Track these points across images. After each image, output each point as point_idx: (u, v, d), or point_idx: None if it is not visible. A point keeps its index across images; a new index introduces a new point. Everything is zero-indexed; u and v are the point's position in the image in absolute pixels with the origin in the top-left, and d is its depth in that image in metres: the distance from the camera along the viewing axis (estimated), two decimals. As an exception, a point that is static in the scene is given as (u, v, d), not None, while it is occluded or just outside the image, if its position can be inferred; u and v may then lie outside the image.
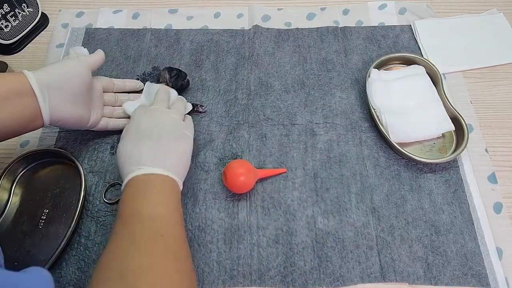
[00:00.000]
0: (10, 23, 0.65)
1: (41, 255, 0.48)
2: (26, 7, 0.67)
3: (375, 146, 0.56)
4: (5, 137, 0.44)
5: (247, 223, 0.51)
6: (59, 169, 0.55)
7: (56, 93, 0.45)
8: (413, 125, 0.55)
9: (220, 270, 0.48)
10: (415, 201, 0.52)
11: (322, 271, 0.48)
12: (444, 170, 0.54)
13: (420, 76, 0.60)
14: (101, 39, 0.67)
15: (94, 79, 0.52)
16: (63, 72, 0.47)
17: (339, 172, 0.54)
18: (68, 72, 0.47)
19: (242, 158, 0.55)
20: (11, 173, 0.53)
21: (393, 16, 0.70)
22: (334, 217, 0.51)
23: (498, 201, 0.52)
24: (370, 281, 0.47)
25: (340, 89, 0.61)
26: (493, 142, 0.57)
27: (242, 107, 0.60)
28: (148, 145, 0.44)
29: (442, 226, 0.50)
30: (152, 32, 0.68)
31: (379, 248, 0.49)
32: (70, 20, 0.71)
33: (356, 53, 0.65)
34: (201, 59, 0.65)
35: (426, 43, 0.65)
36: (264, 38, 0.67)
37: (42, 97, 0.44)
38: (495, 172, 0.54)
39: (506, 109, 0.60)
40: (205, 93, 0.61)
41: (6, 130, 0.44)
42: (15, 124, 0.44)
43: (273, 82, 0.62)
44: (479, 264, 0.48)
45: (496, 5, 0.71)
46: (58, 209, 0.51)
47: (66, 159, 0.54)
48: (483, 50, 0.65)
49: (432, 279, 0.47)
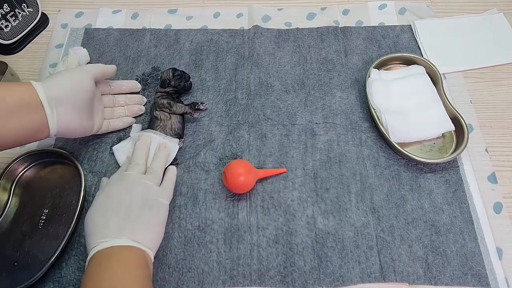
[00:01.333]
0: (10, 23, 0.65)
1: (41, 255, 0.48)
2: (26, 7, 0.67)
3: (375, 146, 0.56)
4: (10, 147, 0.44)
5: (247, 223, 0.51)
6: (59, 169, 0.55)
7: (64, 106, 0.45)
8: (413, 125, 0.55)
9: (220, 270, 0.48)
10: (415, 201, 0.52)
11: (322, 271, 0.47)
12: (444, 170, 0.54)
13: (420, 76, 0.60)
14: (100, 39, 0.67)
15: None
16: (72, 85, 0.46)
17: (339, 172, 0.54)
18: (77, 85, 0.46)
19: (242, 158, 0.55)
20: (11, 173, 0.53)
21: (393, 16, 0.70)
22: (334, 217, 0.51)
23: (498, 201, 0.52)
24: (370, 281, 0.47)
25: (340, 89, 0.61)
26: (493, 142, 0.57)
27: (242, 107, 0.60)
28: (115, 215, 0.42)
29: (442, 226, 0.50)
30: (152, 32, 0.68)
31: (379, 248, 0.49)
32: (69, 20, 0.71)
33: (356, 53, 0.65)
34: (201, 59, 0.65)
35: (426, 43, 0.65)
36: (264, 38, 0.67)
37: (50, 110, 0.44)
38: (495, 172, 0.54)
39: (506, 109, 0.60)
40: (205, 93, 0.61)
41: (12, 140, 0.43)
42: (21, 135, 0.43)
43: (273, 82, 0.62)
44: (479, 264, 0.48)
45: (496, 5, 0.71)
46: (58, 209, 0.51)
47: (66, 159, 0.54)
48: (483, 50, 0.65)
49: (432, 279, 0.47)
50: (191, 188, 0.53)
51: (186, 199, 0.52)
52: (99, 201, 0.45)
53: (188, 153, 0.56)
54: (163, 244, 0.49)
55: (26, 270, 0.47)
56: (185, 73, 0.59)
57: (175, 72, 0.57)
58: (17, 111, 0.42)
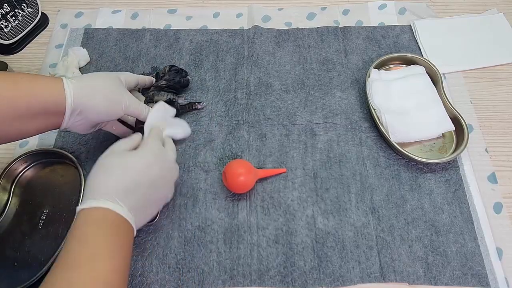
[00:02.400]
0: (10, 23, 0.65)
1: (41, 255, 0.48)
2: (26, 7, 0.67)
3: (375, 146, 0.56)
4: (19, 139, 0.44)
5: (247, 223, 0.51)
6: (59, 169, 0.55)
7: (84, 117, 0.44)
8: (413, 125, 0.55)
9: (220, 270, 0.48)
10: (415, 201, 0.52)
11: (322, 271, 0.47)
12: (444, 170, 0.54)
13: (420, 76, 0.59)
14: (100, 39, 0.67)
15: None
16: (107, 102, 0.44)
17: (339, 172, 0.54)
18: (113, 102, 0.45)
19: (242, 158, 0.55)
20: (11, 173, 0.53)
21: (393, 16, 0.70)
22: (334, 217, 0.51)
23: (498, 201, 0.52)
24: (370, 281, 0.47)
25: (340, 89, 0.61)
26: (493, 142, 0.57)
27: (242, 106, 0.60)
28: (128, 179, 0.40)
29: (442, 226, 0.50)
30: (151, 32, 0.68)
31: (379, 248, 0.49)
32: (69, 20, 0.71)
33: (356, 53, 0.65)
34: (201, 59, 0.65)
35: (426, 43, 0.65)
36: (264, 38, 0.67)
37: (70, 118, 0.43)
38: (495, 172, 0.54)
39: (506, 109, 0.60)
40: (204, 92, 0.61)
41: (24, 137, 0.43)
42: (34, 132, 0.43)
43: (273, 82, 0.62)
44: (479, 264, 0.48)
45: (496, 5, 0.71)
46: (58, 209, 0.51)
47: (66, 159, 0.54)
48: (483, 50, 0.65)
49: (432, 279, 0.47)
50: (191, 188, 0.53)
51: (186, 199, 0.52)
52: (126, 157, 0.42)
53: (188, 153, 0.56)
54: (163, 244, 0.49)
55: (26, 270, 0.47)
56: (183, 70, 0.59)
57: (172, 67, 0.58)
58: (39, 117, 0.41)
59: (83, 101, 0.43)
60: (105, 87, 0.45)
